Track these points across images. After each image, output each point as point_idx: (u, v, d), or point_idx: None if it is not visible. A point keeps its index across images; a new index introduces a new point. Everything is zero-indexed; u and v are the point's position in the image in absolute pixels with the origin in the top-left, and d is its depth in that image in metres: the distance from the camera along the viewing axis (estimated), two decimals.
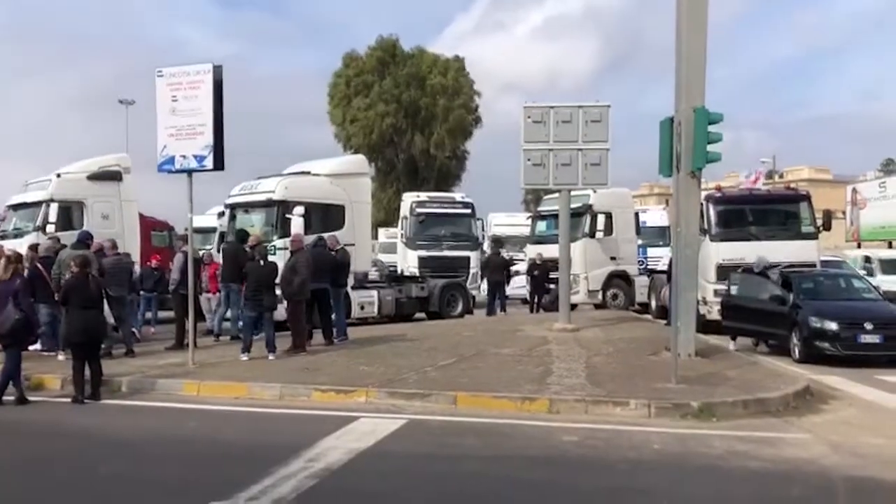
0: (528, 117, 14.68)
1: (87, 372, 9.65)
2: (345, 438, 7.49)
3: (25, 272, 10.65)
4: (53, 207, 16.78)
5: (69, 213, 17.14)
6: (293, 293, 12.42)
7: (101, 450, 7.41)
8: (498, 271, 21.66)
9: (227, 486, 5.83)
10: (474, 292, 22.90)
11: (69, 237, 15.11)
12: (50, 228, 16.30)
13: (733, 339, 14.65)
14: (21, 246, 14.80)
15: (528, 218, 28.61)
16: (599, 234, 21.74)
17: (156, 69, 11.35)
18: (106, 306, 10.59)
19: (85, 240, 13.44)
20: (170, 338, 13.69)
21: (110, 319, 11.85)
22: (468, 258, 23.87)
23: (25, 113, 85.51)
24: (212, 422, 8.60)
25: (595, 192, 20.30)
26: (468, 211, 25.03)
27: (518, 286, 24.19)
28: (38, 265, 12.37)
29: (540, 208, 25.54)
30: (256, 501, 5.59)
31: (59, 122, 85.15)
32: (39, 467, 6.83)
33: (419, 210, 24.73)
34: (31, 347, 11.43)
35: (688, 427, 8.07)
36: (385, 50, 50.79)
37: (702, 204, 14.53)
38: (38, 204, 17.09)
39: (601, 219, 21.72)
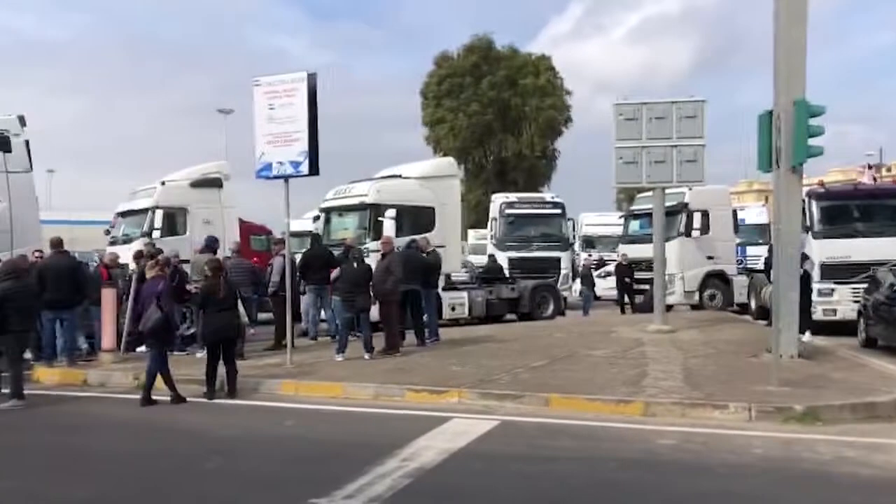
0: (620, 115, 14.46)
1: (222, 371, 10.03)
2: (438, 438, 7.56)
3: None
4: (159, 214, 17.63)
5: (173, 220, 17.99)
6: (386, 294, 12.60)
7: (206, 446, 7.70)
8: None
9: (324, 484, 5.96)
10: (566, 293, 22.70)
11: (174, 242, 15.84)
12: (156, 234, 17.12)
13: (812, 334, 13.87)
14: (129, 251, 15.62)
15: (620, 217, 28.18)
16: (695, 233, 21.17)
17: (252, 79, 11.72)
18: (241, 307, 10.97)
19: (212, 245, 14.00)
20: (269, 339, 14.08)
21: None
22: (559, 259, 23.68)
23: (133, 124, 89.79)
24: (309, 420, 8.82)
25: (691, 189, 19.80)
26: (558, 211, 24.83)
27: (609, 287, 23.86)
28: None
29: (633, 207, 25.10)
30: (353, 499, 5.70)
31: (163, 133, 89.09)
32: (151, 461, 7.17)
33: (508, 211, 24.68)
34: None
35: (791, 431, 7.77)
36: (478, 50, 50.75)
37: (803, 200, 13.98)
38: (144, 211, 17.99)
39: (697, 217, 21.14)
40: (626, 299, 21.76)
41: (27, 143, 15.05)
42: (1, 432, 8.66)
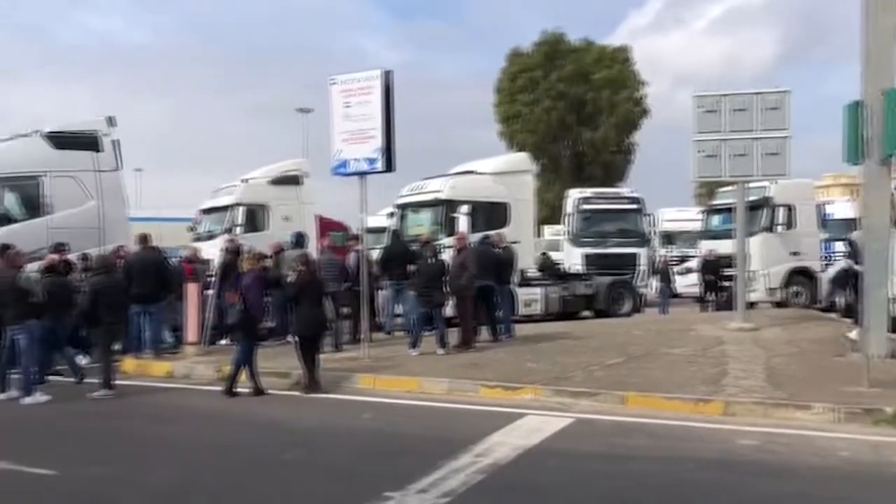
0: (700, 107, 14.08)
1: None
2: (512, 435, 7.55)
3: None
4: (240, 211, 18.17)
5: (254, 216, 18.49)
6: (460, 289, 12.64)
7: (285, 438, 7.89)
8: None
9: (399, 477, 6.03)
10: (643, 290, 22.33)
11: (255, 238, 16.24)
12: (237, 230, 17.61)
13: None
14: (213, 247, 16.11)
15: (699, 212, 27.54)
16: (779, 229, 20.48)
17: (329, 78, 11.90)
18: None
19: (301, 241, 14.29)
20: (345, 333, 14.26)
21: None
22: (636, 255, 23.28)
23: (216, 125, 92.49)
24: (385, 414, 8.92)
25: (774, 183, 19.17)
26: (636, 206, 24.40)
27: (689, 284, 23.33)
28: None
29: (713, 202, 24.47)
30: (426, 494, 5.74)
31: (244, 132, 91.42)
32: (232, 452, 7.40)
33: (584, 206, 24.39)
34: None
35: (881, 434, 7.45)
36: (551, 44, 50.32)
37: (893, 193, 13.37)
38: (226, 208, 18.55)
39: (781, 212, 20.45)
40: (711, 296, 21.23)
41: (116, 142, 15.67)
42: (92, 420, 9.06)
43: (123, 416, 9.26)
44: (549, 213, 42.50)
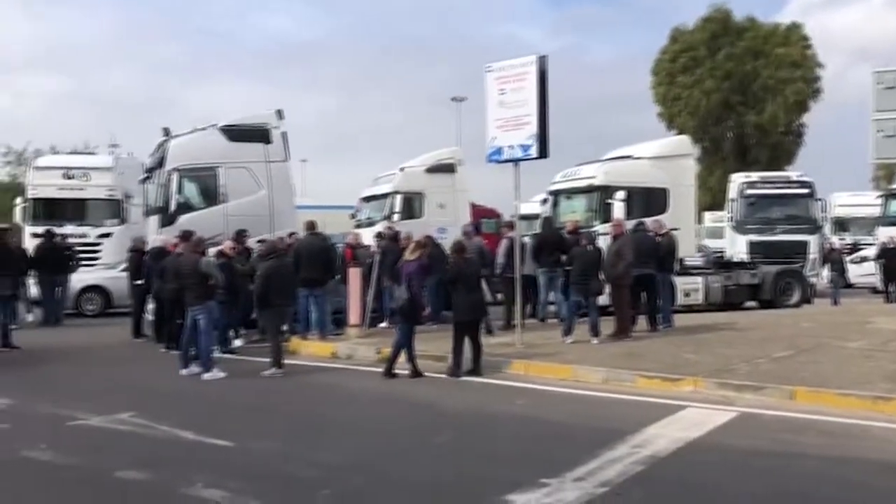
0: (880, 83, 13.06)
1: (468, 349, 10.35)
2: (672, 427, 7.35)
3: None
4: (398, 198, 18.82)
5: (411, 203, 19.07)
6: (617, 278, 12.41)
7: (441, 420, 8.07)
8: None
9: (554, 465, 6.03)
10: (813, 280, 21.04)
11: (412, 225, 16.66)
12: (395, 217, 18.18)
13: None
14: (370, 234, 16.70)
15: (878, 197, 25.58)
16: None
17: (485, 65, 11.98)
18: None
19: (469, 231, 14.52)
20: (496, 319, 14.37)
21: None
22: (805, 243, 21.99)
23: (377, 117, 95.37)
24: (538, 401, 8.92)
25: None
26: (806, 191, 23.04)
27: (864, 273, 21.74)
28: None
29: (893, 185, 22.67)
30: (583, 482, 5.70)
31: (403, 123, 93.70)
32: (391, 432, 7.67)
33: (749, 191, 23.31)
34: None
35: None
36: (715, 22, 48.04)
37: None
38: (385, 196, 19.20)
39: None
40: (893, 287, 19.68)
41: (285, 134, 16.52)
42: (263, 397, 9.65)
43: (291, 393, 9.80)
44: (711, 198, 40.83)
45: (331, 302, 13.49)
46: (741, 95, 47.40)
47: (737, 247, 22.70)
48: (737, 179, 24.26)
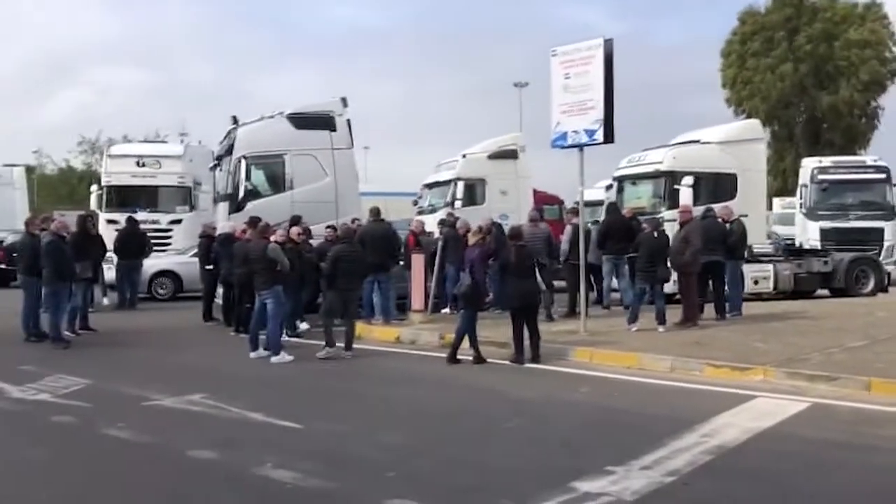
0: None
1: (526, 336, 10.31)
2: (741, 416, 7.22)
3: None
4: (460, 185, 18.80)
5: (473, 190, 19.05)
6: (684, 265, 12.20)
7: (506, 406, 8.07)
8: None
9: (620, 453, 5.98)
10: (889, 268, 20.30)
11: (474, 212, 16.64)
12: (457, 204, 18.18)
13: None
14: (433, 220, 16.75)
15: None
16: None
17: (550, 49, 11.87)
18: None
19: (535, 217, 14.39)
20: (561, 306, 14.28)
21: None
22: (882, 229, 21.24)
23: (440, 103, 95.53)
24: (604, 389, 8.85)
25: None
26: (882, 176, 22.24)
27: None
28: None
29: None
30: (650, 471, 5.65)
31: (466, 109, 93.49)
32: (455, 416, 7.70)
33: (821, 177, 22.60)
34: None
35: None
36: (790, 2, 46.41)
37: None
38: (447, 182, 19.24)
39: None
40: None
41: (349, 122, 16.67)
42: (330, 380, 9.78)
43: (357, 377, 9.95)
44: (782, 184, 39.74)
45: (394, 288, 13.60)
46: (815, 77, 45.88)
47: (808, 234, 22.08)
48: (808, 164, 23.55)
